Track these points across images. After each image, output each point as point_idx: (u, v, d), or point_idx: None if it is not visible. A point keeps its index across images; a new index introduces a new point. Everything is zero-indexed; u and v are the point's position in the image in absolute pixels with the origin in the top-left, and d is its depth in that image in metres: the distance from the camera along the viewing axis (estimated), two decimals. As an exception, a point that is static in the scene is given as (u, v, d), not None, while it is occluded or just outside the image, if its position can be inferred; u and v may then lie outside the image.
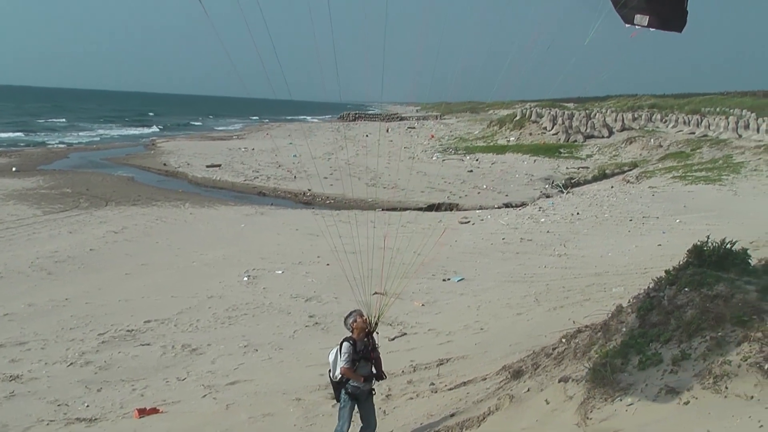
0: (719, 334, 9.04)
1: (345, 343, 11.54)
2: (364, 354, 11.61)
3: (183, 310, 23.45)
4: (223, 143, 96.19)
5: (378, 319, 12.37)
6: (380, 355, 11.93)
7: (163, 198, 50.14)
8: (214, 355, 19.44)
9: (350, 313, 12.01)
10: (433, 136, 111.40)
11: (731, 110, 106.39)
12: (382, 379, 11.99)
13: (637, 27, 9.62)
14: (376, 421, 11.92)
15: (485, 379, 14.47)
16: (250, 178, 62.49)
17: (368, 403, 11.82)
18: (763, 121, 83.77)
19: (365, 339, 11.74)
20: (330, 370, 11.80)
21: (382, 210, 49.10)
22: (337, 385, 11.70)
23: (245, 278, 27.42)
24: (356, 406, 11.64)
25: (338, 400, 11.83)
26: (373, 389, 11.90)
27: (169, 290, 25.72)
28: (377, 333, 12.12)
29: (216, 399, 16.02)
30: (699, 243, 11.41)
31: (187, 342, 20.45)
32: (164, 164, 70.85)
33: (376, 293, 24.59)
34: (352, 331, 11.70)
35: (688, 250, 11.56)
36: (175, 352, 19.65)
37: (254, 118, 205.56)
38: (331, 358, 11.78)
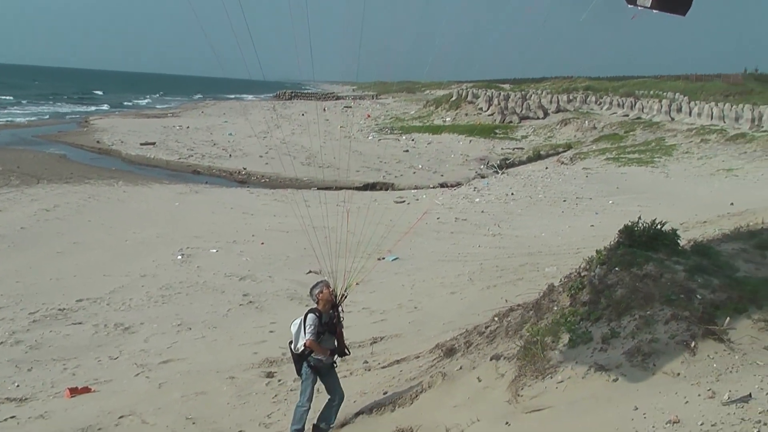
0: (648, 312, 9.17)
1: (310, 315, 11.32)
2: (328, 327, 11.43)
3: (116, 289, 23.18)
4: (158, 121, 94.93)
5: (346, 291, 12.23)
6: (343, 330, 11.72)
7: (96, 176, 49.28)
8: (147, 333, 19.28)
9: (316, 284, 11.80)
10: (369, 116, 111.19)
11: (664, 93, 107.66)
12: (345, 354, 11.81)
13: (639, 8, 9.39)
14: (343, 391, 11.79)
15: (418, 357, 14.57)
16: (185, 156, 61.83)
17: (331, 375, 11.69)
18: (695, 104, 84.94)
19: (330, 311, 11.54)
20: (291, 342, 11.53)
21: (317, 189, 49.04)
22: (299, 358, 11.43)
23: (179, 257, 27.18)
24: (318, 380, 11.48)
25: (299, 374, 11.60)
26: (335, 362, 11.70)
27: (101, 269, 25.40)
28: (342, 309, 11.96)
29: (149, 378, 15.92)
30: (630, 224, 11.55)
31: (120, 321, 20.24)
32: (97, 142, 69.63)
33: (310, 272, 24.65)
34: (317, 303, 11.50)
35: (619, 231, 11.70)
36: (107, 331, 19.44)
37: (197, 96, 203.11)
38: (294, 329, 11.50)
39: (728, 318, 8.87)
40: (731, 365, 8.06)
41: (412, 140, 78.41)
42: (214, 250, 28.39)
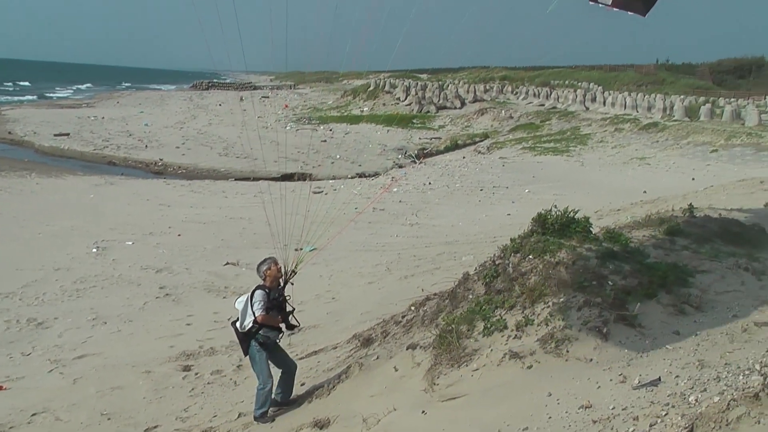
0: (561, 299, 9.28)
1: (258, 291, 11.27)
2: (276, 303, 11.38)
3: (28, 283, 22.63)
4: (73, 111, 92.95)
5: (296, 267, 12.15)
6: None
7: (7, 168, 47.98)
8: (61, 328, 18.86)
9: (264, 260, 11.74)
10: (286, 106, 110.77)
11: (579, 83, 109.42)
12: (293, 327, 11.86)
13: (600, 5, 9.41)
14: (294, 362, 11.94)
15: (336, 347, 14.56)
16: (100, 147, 60.65)
17: (278, 350, 11.67)
18: (610, 94, 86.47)
19: (278, 288, 11.52)
20: (237, 320, 11.38)
21: (235, 180, 48.74)
22: (245, 337, 11.32)
23: (94, 249, 26.68)
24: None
25: (246, 354, 11.51)
26: (280, 338, 11.66)
27: (13, 263, 24.77)
28: (292, 283, 11.96)
29: (63, 374, 15.59)
30: (543, 212, 11.67)
31: (33, 316, 19.76)
32: (9, 132, 67.73)
33: (228, 263, 24.53)
34: (264, 279, 11.46)
35: (532, 219, 11.81)
36: (19, 327, 18.96)
37: (126, 85, 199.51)
38: (240, 306, 11.38)
39: (639, 303, 9.04)
40: (642, 350, 8.21)
41: (330, 130, 78.34)
42: (130, 243, 27.93)
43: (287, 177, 49.75)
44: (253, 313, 11.12)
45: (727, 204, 22.10)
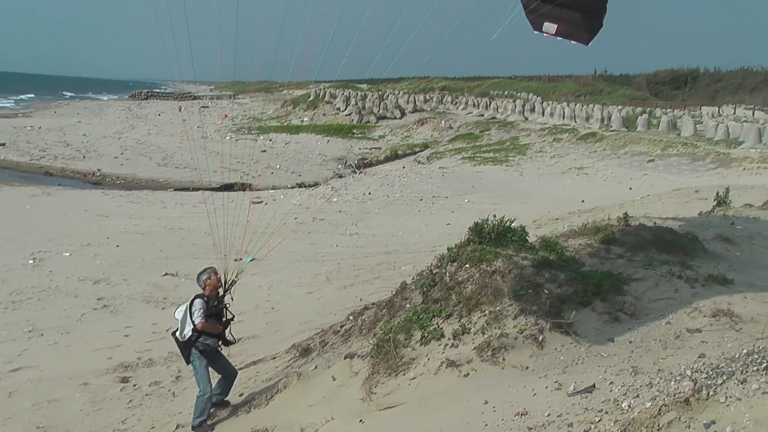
0: (497, 308, 9.34)
1: (197, 300, 11.39)
2: (215, 311, 11.52)
3: (-39, 295, 22.30)
4: (8, 121, 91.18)
5: (236, 277, 12.33)
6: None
7: (-62, 178, 47.36)
8: (-4, 341, 18.61)
9: (204, 270, 11.90)
10: (226, 116, 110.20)
11: (518, 94, 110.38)
12: (229, 343, 11.91)
13: (544, 34, 9.93)
14: (235, 369, 12.16)
15: (275, 357, 14.52)
16: (36, 157, 59.57)
17: (219, 357, 11.81)
18: (548, 104, 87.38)
19: (217, 298, 11.71)
20: (177, 330, 11.49)
21: (174, 190, 48.38)
22: (185, 346, 11.42)
23: (30, 261, 26.27)
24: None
25: (188, 362, 11.59)
26: (220, 346, 11.75)
27: (-56, 274, 24.39)
28: (231, 297, 12.11)
29: (-3, 387, 15.37)
30: (479, 221, 11.75)
31: (-34, 329, 19.48)
32: (-61, 143, 66.61)
33: (166, 274, 24.32)
34: (204, 288, 11.60)
35: (469, 228, 11.88)
36: (-48, 340, 18.68)
37: (69, 95, 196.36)
38: (179, 315, 11.49)
39: (574, 311, 9.13)
40: (577, 357, 8.30)
41: (270, 140, 78.05)
42: (68, 254, 27.55)
43: (228, 187, 49.49)
44: (193, 322, 11.17)
45: (662, 213, 22.47)
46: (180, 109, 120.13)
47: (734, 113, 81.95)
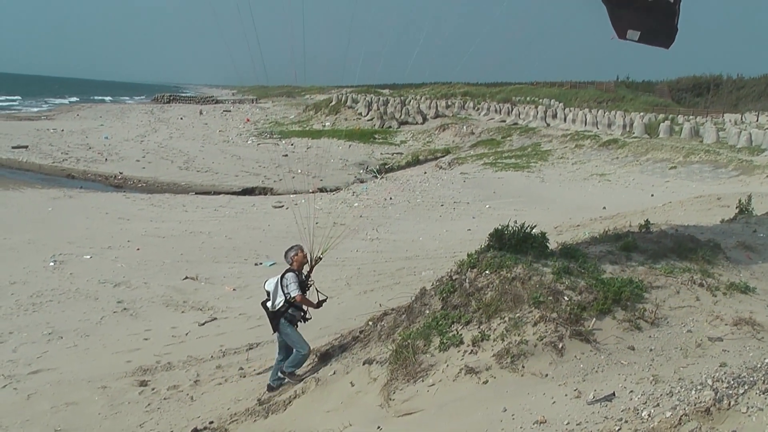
0: (517, 315, 9.30)
1: (289, 273, 12.43)
2: (303, 285, 12.60)
3: (-18, 298, 22.38)
4: (31, 123, 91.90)
5: (322, 254, 13.61)
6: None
7: (-38, 180, 47.65)
8: (16, 343, 18.58)
9: (291, 247, 13.06)
10: (248, 120, 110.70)
11: (540, 100, 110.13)
12: (322, 302, 13.01)
13: (627, 40, 10.41)
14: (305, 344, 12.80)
15: (294, 363, 14.50)
16: (59, 160, 59.97)
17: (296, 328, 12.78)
18: (570, 110, 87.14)
19: (304, 273, 12.85)
20: (268, 301, 12.59)
21: (195, 194, 48.52)
22: (275, 315, 12.52)
23: (51, 263, 26.35)
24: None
25: (274, 330, 12.74)
26: (302, 320, 12.90)
27: (-33, 277, 24.50)
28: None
29: (17, 389, 15.35)
30: (500, 227, 11.72)
31: (-13, 330, 19.54)
32: (-37, 145, 67.06)
33: (187, 278, 24.37)
34: (291, 264, 12.71)
35: (489, 234, 11.85)
36: (-28, 342, 18.75)
37: (73, 99, 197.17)
38: (270, 287, 12.53)
39: (594, 319, 9.07)
40: (597, 365, 8.24)
41: (292, 145, 78.25)
42: (88, 256, 27.64)
43: (248, 191, 49.78)
44: (286, 294, 12.34)
45: (684, 220, 22.34)
46: (200, 113, 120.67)
47: (757, 120, 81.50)
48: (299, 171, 58.82)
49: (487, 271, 10.44)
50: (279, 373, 12.62)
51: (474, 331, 9.43)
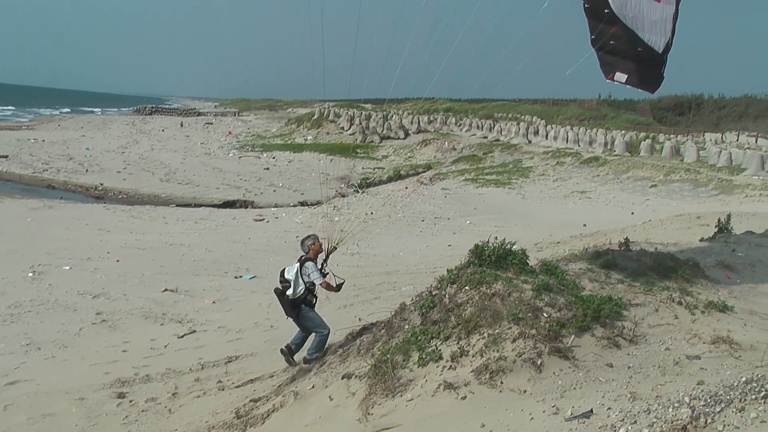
0: (496, 331, 9.30)
1: (309, 262, 13.05)
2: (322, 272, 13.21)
3: (-41, 308, 22.22)
4: (11, 133, 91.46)
5: (338, 243, 14.27)
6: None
7: (-60, 190, 47.37)
8: (-7, 354, 18.54)
9: (308, 236, 13.57)
10: (230, 133, 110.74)
11: (522, 116, 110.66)
12: (341, 285, 13.76)
13: (615, 82, 11.30)
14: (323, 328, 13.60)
15: (272, 376, 14.48)
16: (39, 170, 59.74)
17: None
18: (552, 128, 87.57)
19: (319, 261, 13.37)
20: (288, 288, 13.13)
21: (176, 206, 48.40)
22: (294, 302, 13.16)
23: (30, 274, 26.20)
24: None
25: (288, 316, 13.55)
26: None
27: (-56, 286, 24.32)
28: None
29: (-7, 400, 15.30)
30: (480, 243, 11.73)
31: (-37, 341, 19.40)
32: (-59, 154, 66.68)
33: (166, 290, 24.26)
34: (308, 252, 13.27)
35: (469, 250, 11.86)
36: (-51, 353, 18.61)
37: (65, 110, 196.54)
38: (291, 276, 13.04)
39: (573, 336, 9.10)
40: (575, 382, 8.26)
41: (273, 158, 78.28)
42: (68, 267, 27.49)
43: (229, 204, 49.73)
44: (307, 282, 13.04)
45: (664, 238, 22.45)
46: (181, 125, 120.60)
47: (737, 140, 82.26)
48: (280, 185, 58.88)
49: (466, 287, 10.46)
50: (304, 363, 13.25)
51: (453, 347, 9.43)
